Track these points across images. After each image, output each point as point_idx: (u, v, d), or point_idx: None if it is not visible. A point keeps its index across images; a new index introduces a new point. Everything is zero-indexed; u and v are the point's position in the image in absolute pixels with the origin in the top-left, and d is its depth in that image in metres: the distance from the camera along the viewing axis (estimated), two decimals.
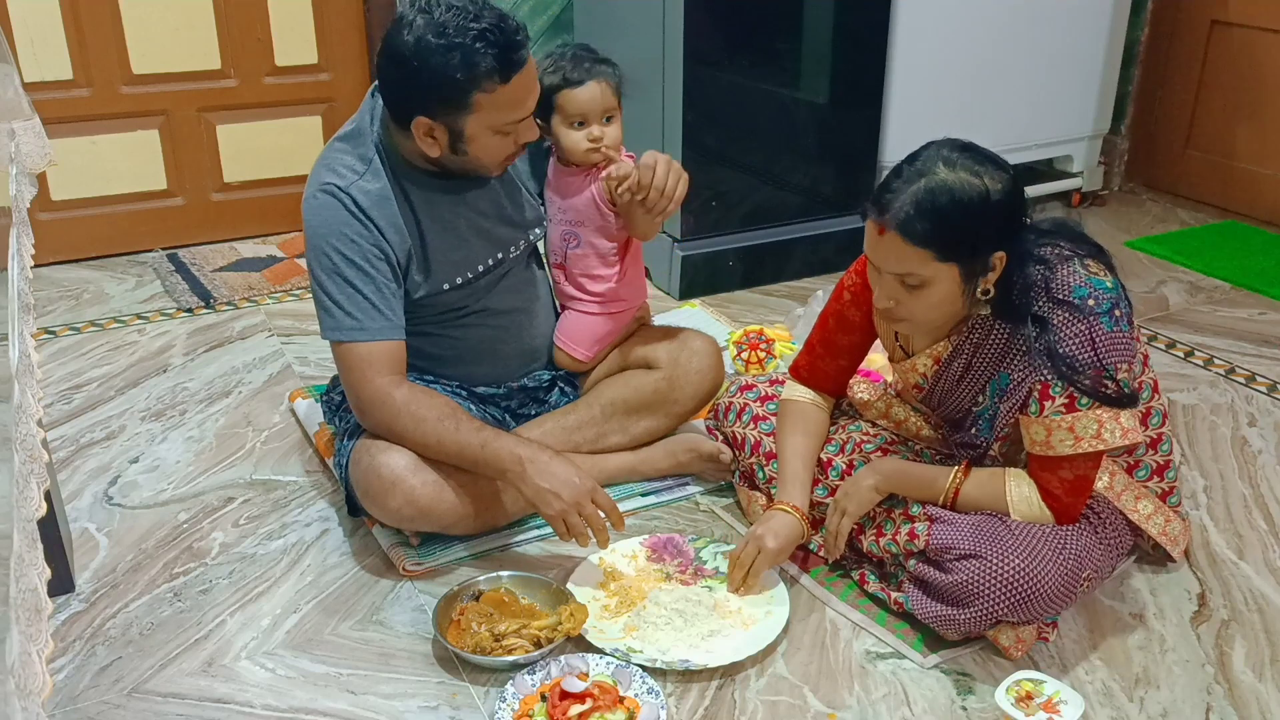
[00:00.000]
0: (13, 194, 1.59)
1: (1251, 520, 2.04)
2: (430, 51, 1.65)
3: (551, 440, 2.01)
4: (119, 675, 1.64)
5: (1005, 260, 1.55)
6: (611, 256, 2.08)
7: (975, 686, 1.62)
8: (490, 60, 1.66)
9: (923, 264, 1.52)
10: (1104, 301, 1.55)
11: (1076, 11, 3.33)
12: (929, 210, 1.49)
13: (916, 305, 1.58)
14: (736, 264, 3.07)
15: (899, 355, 1.80)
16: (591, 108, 1.95)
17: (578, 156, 1.99)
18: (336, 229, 1.77)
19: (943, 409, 1.80)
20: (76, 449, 2.25)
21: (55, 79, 3.01)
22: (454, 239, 1.89)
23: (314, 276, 1.81)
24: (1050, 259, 1.58)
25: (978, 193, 1.49)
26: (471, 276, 1.93)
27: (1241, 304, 3.04)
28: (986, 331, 1.66)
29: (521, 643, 1.63)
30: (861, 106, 3.10)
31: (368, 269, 1.78)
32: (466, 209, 1.89)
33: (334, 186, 1.78)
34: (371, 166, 1.80)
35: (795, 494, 1.79)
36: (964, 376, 1.71)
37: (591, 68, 1.95)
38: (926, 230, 1.49)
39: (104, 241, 3.21)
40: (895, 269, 1.55)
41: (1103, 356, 1.53)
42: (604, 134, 1.97)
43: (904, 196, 1.50)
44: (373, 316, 1.78)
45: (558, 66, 1.95)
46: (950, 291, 1.56)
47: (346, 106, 3.35)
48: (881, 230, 1.54)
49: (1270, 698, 1.61)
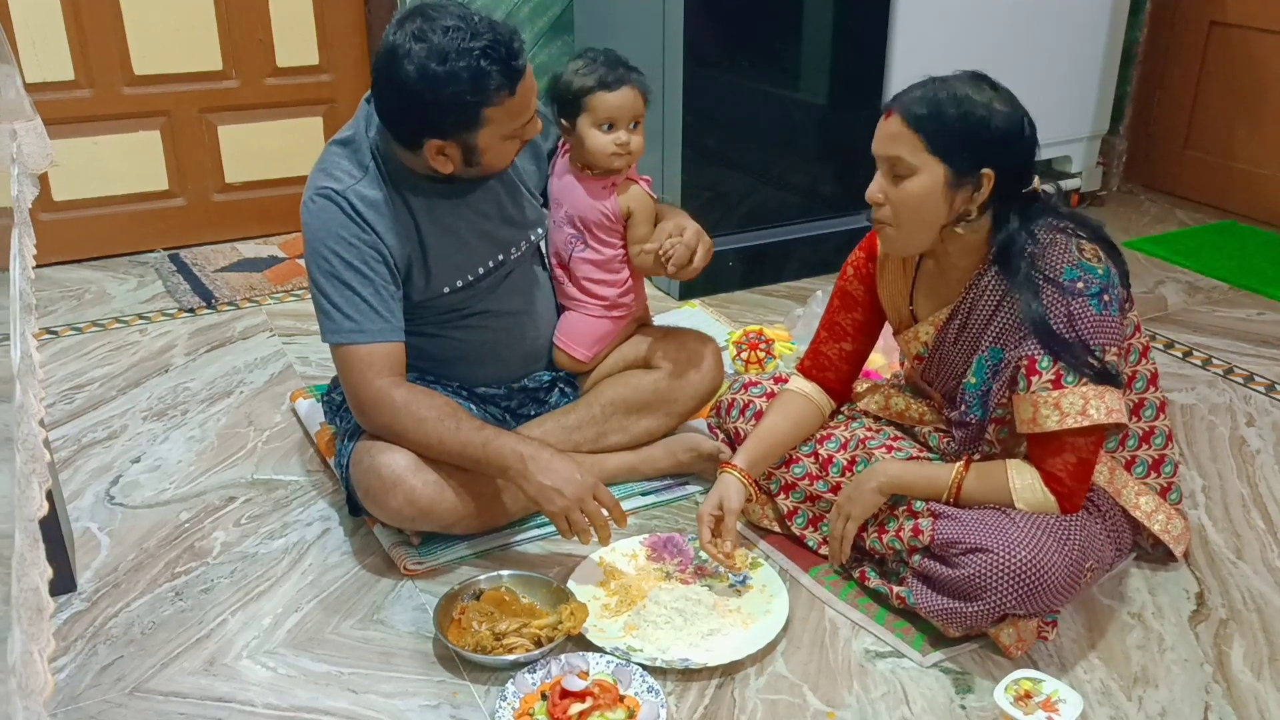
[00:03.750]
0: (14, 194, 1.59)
1: (1250, 520, 2.04)
2: (437, 79, 1.65)
3: (552, 440, 2.01)
4: (120, 674, 1.64)
5: (994, 180, 1.59)
6: (617, 263, 2.08)
7: (974, 685, 1.63)
8: (497, 77, 1.67)
9: (913, 151, 1.59)
10: (1093, 285, 1.57)
11: (1075, 12, 3.33)
12: (933, 103, 1.59)
13: (901, 198, 1.63)
14: (736, 264, 3.07)
15: (906, 321, 1.82)
16: (622, 113, 1.96)
17: (601, 159, 1.99)
18: (334, 232, 1.77)
19: (939, 380, 1.81)
20: (78, 449, 2.25)
21: (57, 80, 3.02)
22: (455, 242, 1.89)
23: (313, 280, 1.81)
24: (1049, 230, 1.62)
25: (983, 105, 1.59)
26: (473, 278, 1.93)
27: (1240, 304, 3.05)
28: (981, 291, 1.69)
29: (522, 641, 1.64)
30: (861, 106, 3.09)
31: (366, 271, 1.78)
32: (468, 211, 1.90)
33: (331, 190, 1.78)
34: (369, 173, 1.80)
35: (739, 457, 1.85)
36: (958, 338, 1.74)
37: (626, 74, 1.97)
38: (924, 118, 1.59)
39: (106, 242, 3.22)
40: (889, 150, 1.62)
41: (1086, 336, 1.56)
42: (630, 140, 1.98)
43: (916, 91, 1.62)
44: (371, 319, 1.79)
45: (593, 69, 1.96)
46: (932, 189, 1.60)
47: (347, 107, 3.35)
48: (888, 114, 1.63)
49: (1269, 697, 1.61)
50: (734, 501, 1.79)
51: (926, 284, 1.78)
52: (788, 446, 1.90)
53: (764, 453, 1.87)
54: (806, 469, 1.90)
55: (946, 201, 1.61)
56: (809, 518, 1.91)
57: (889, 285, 1.84)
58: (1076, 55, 3.41)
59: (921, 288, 1.79)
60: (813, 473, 1.89)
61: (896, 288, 1.83)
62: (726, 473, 1.83)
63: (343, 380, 1.83)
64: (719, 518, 1.79)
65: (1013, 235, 1.62)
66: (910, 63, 3.07)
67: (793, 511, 1.92)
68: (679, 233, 1.96)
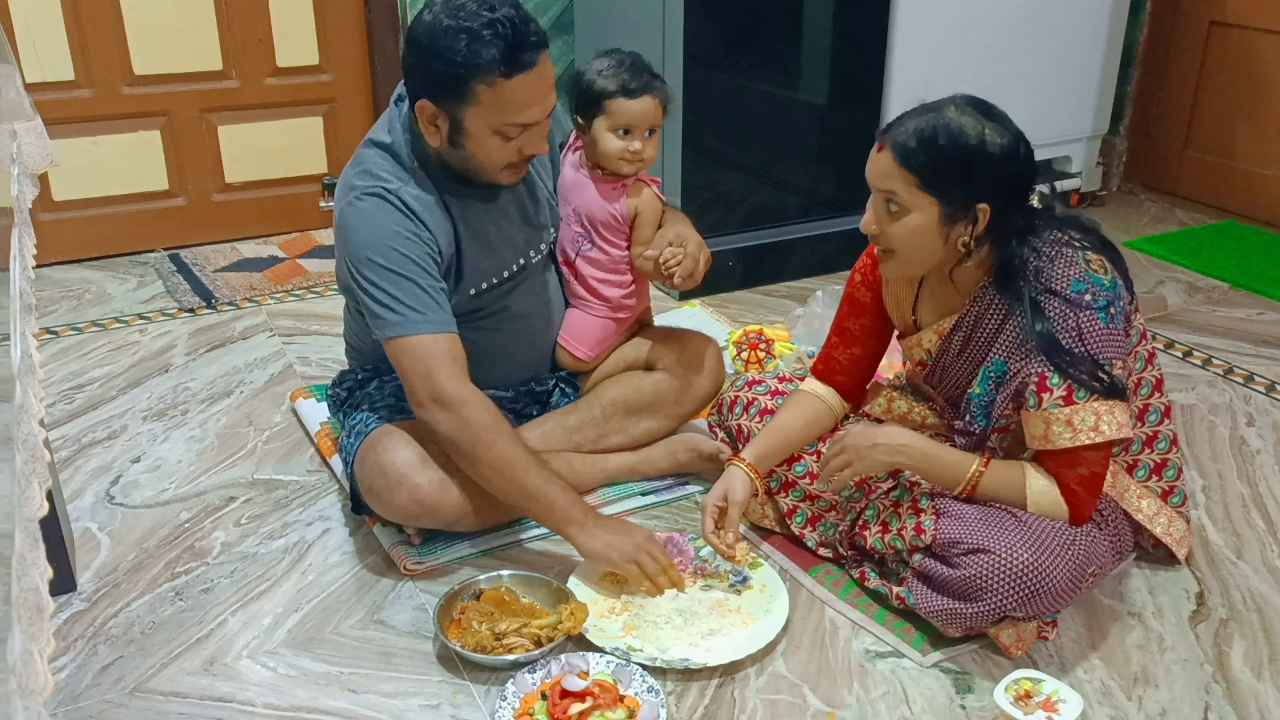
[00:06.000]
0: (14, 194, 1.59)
1: (1250, 520, 2.04)
2: (440, 33, 1.65)
3: (552, 440, 2.02)
4: (121, 674, 1.64)
5: (989, 214, 1.58)
6: (623, 264, 2.08)
7: (974, 685, 1.63)
8: (494, 51, 1.64)
9: (906, 188, 1.58)
10: (1100, 298, 1.56)
11: (1075, 12, 3.33)
12: (923, 137, 1.56)
13: (895, 233, 1.62)
14: (736, 264, 3.07)
15: (909, 329, 1.82)
16: (640, 120, 1.96)
17: (610, 163, 1.99)
18: (390, 229, 1.75)
19: (943, 387, 1.81)
20: (78, 448, 2.25)
21: (57, 80, 3.02)
22: (484, 247, 1.88)
23: (363, 279, 1.75)
24: (1054, 244, 1.61)
25: (975, 137, 1.55)
26: (498, 281, 1.93)
27: (1240, 304, 3.05)
28: (986, 305, 1.68)
29: (522, 641, 1.64)
30: (861, 106, 3.10)
31: (425, 265, 1.76)
32: (496, 214, 1.89)
33: (383, 189, 1.76)
34: (415, 175, 1.79)
35: (748, 451, 1.85)
36: (963, 350, 1.73)
37: (649, 81, 1.96)
38: (915, 154, 1.56)
39: (106, 242, 3.22)
40: (881, 185, 1.61)
41: (1094, 350, 1.55)
42: (644, 148, 1.98)
43: (908, 123, 1.59)
44: (434, 310, 1.75)
45: (617, 73, 1.95)
46: (926, 227, 1.59)
47: (348, 107, 3.36)
48: (880, 148, 1.61)
49: (1269, 697, 1.61)
50: (739, 494, 1.79)
51: (930, 293, 1.78)
52: (797, 445, 1.90)
53: (773, 449, 1.87)
54: (808, 467, 1.89)
55: (941, 237, 1.60)
56: (807, 517, 1.91)
57: (893, 292, 1.83)
58: (1076, 55, 3.41)
59: (925, 296, 1.79)
60: (813, 471, 1.89)
61: (901, 295, 1.82)
62: (734, 465, 1.83)
63: (410, 375, 1.75)
64: (723, 509, 1.79)
65: (1012, 254, 1.60)
66: (910, 63, 3.08)
67: (792, 510, 1.92)
68: (679, 242, 1.96)
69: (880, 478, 1.82)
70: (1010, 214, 1.59)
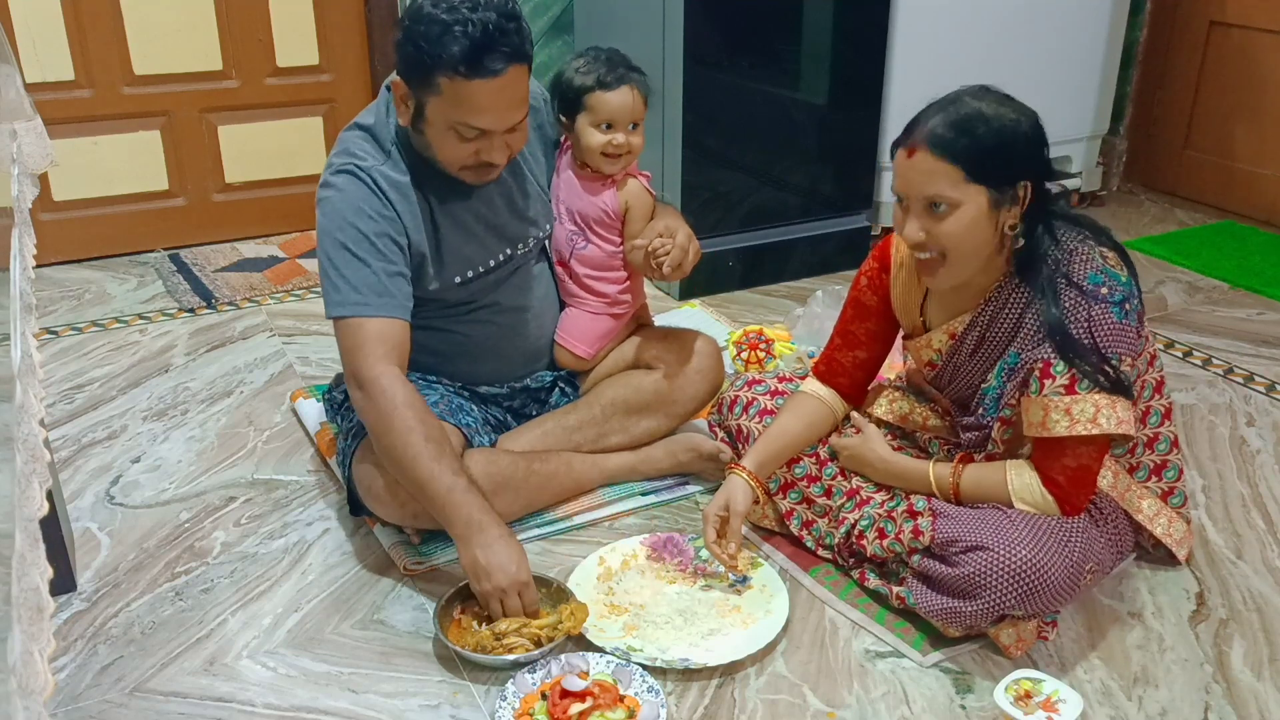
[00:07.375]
0: (14, 194, 1.59)
1: (1250, 519, 2.04)
2: (422, 17, 1.67)
3: (552, 440, 2.02)
4: (121, 674, 1.64)
5: (1030, 190, 1.56)
6: (617, 260, 2.08)
7: (974, 685, 1.63)
8: (457, 49, 1.64)
9: (952, 184, 1.54)
10: (1116, 293, 1.57)
11: (1075, 12, 3.33)
12: (958, 126, 1.53)
13: (948, 232, 1.57)
14: (736, 264, 3.07)
15: (918, 330, 1.81)
16: (621, 113, 1.96)
17: (594, 159, 1.99)
18: (355, 205, 1.76)
19: (952, 388, 1.81)
20: (78, 448, 2.25)
21: (57, 80, 3.02)
22: (465, 234, 1.89)
23: (324, 253, 1.78)
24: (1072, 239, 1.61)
25: (1005, 118, 1.55)
26: (483, 270, 1.93)
27: (1240, 304, 3.05)
28: (1002, 302, 1.67)
29: (522, 641, 1.64)
30: (861, 107, 3.11)
31: (380, 247, 1.76)
32: (479, 203, 1.90)
33: (356, 166, 1.78)
34: (391, 157, 1.81)
35: (749, 459, 1.85)
36: (977, 351, 1.72)
37: (625, 74, 1.97)
38: (956, 145, 1.53)
39: (106, 242, 3.22)
40: (924, 190, 1.56)
41: (1104, 344, 1.55)
42: (627, 141, 1.98)
43: (934, 118, 1.55)
44: (379, 293, 1.75)
45: (593, 68, 1.96)
46: (978, 218, 1.56)
47: (348, 107, 3.35)
48: (911, 152, 1.56)
49: (1269, 697, 1.61)
50: (740, 504, 1.79)
51: (940, 294, 1.76)
52: (798, 449, 1.89)
53: (774, 454, 1.86)
54: (807, 469, 1.89)
55: (992, 224, 1.58)
56: (804, 520, 1.91)
57: (902, 293, 1.83)
58: (1076, 55, 3.41)
59: (934, 297, 1.78)
60: (811, 473, 1.89)
61: (910, 296, 1.82)
62: (735, 474, 1.83)
63: (344, 358, 1.77)
64: (725, 519, 1.79)
65: (1039, 240, 1.60)
66: (910, 63, 3.08)
67: (790, 511, 1.92)
68: (669, 234, 1.96)
69: (871, 489, 1.83)
70: (1043, 189, 1.59)
